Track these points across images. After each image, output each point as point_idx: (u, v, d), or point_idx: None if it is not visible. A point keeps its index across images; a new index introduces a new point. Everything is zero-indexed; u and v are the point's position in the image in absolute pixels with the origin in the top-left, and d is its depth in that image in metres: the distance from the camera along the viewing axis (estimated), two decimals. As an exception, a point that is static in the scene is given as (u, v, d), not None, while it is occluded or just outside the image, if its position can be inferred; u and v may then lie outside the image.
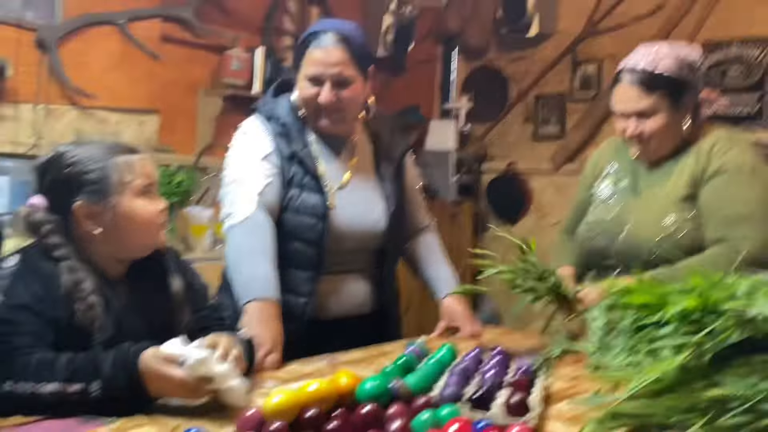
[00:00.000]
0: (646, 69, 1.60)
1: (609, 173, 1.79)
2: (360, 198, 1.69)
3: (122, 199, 1.24)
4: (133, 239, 1.27)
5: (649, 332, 1.03)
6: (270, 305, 1.46)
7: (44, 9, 2.87)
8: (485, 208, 4.51)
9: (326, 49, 1.59)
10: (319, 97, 1.60)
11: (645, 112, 1.61)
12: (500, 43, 4.43)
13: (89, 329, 1.17)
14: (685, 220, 1.61)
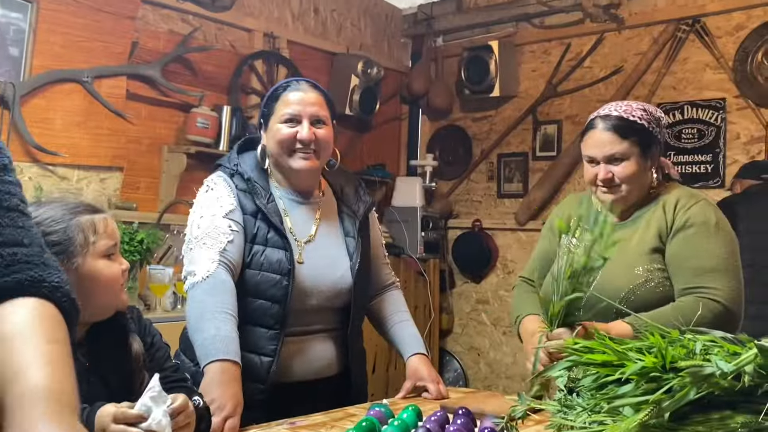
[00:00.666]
0: (620, 116, 1.68)
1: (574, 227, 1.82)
2: (325, 254, 1.68)
3: (85, 260, 1.22)
4: (96, 300, 1.24)
5: (609, 390, 1.03)
6: (231, 367, 1.43)
7: (9, 65, 2.87)
8: (451, 264, 4.53)
9: (303, 91, 1.66)
10: (298, 134, 1.63)
11: (617, 157, 1.67)
12: (464, 103, 4.55)
13: None
14: (655, 270, 1.65)
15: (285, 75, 3.87)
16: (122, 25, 3.20)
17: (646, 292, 1.64)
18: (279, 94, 1.67)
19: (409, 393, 1.73)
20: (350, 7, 4.40)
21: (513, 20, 4.32)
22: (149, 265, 2.89)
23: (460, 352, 4.51)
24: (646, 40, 3.85)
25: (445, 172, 4.61)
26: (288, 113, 1.64)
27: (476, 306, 4.47)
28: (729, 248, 1.65)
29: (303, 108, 1.64)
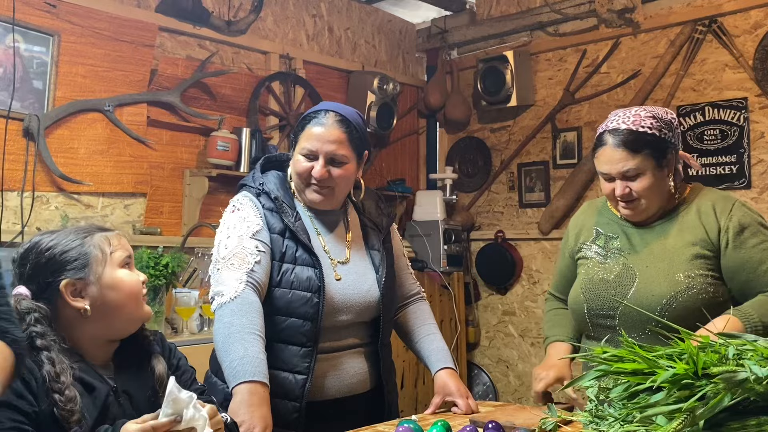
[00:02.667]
0: (630, 129, 1.62)
1: (596, 235, 1.80)
2: (351, 269, 1.69)
3: (105, 269, 1.26)
4: (121, 310, 1.28)
5: (641, 399, 1.02)
6: (260, 389, 1.43)
7: (33, 98, 2.93)
8: (476, 276, 4.50)
9: (325, 127, 1.64)
10: (313, 170, 1.63)
11: (631, 173, 1.63)
12: (481, 115, 4.54)
13: (69, 421, 1.14)
14: (697, 276, 1.62)
15: (302, 95, 3.91)
16: (141, 54, 3.26)
17: (688, 299, 1.61)
18: (305, 124, 1.67)
19: (438, 408, 1.72)
20: (364, 25, 4.43)
21: (527, 29, 4.31)
22: (175, 288, 2.91)
23: (488, 365, 4.47)
24: (663, 43, 3.82)
25: (465, 184, 4.59)
26: (306, 148, 1.64)
27: (503, 318, 4.43)
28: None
29: (321, 145, 1.63)
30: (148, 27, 3.29)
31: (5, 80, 2.84)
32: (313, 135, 1.64)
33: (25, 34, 2.90)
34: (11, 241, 2.78)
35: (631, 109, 1.69)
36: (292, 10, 4.00)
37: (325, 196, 1.66)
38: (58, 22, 3.00)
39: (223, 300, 1.53)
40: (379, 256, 1.73)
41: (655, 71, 3.81)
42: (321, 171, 1.63)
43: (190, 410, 1.09)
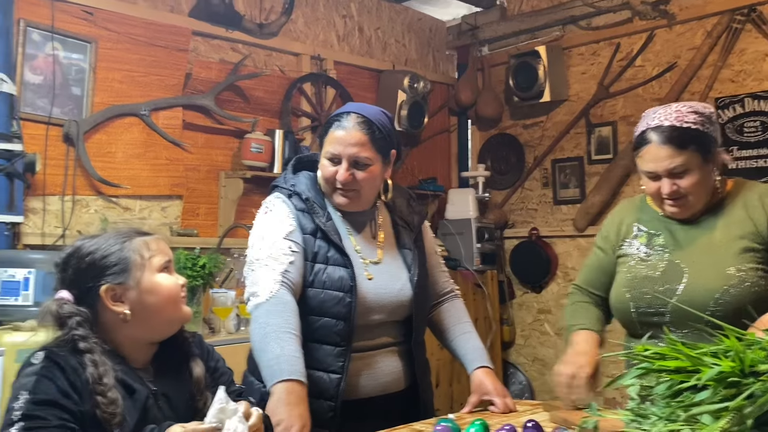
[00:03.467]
0: (674, 125, 1.58)
1: (638, 231, 1.76)
2: (384, 268, 1.69)
3: (144, 274, 1.28)
4: (160, 314, 1.29)
5: (685, 398, 0.99)
6: (297, 387, 1.43)
7: (72, 104, 3.00)
8: (510, 275, 4.46)
9: (346, 130, 1.63)
10: (337, 174, 1.63)
11: (678, 170, 1.59)
12: (513, 111, 4.50)
13: (111, 423, 1.16)
14: (749, 270, 1.59)
15: (333, 96, 3.93)
16: (175, 58, 3.31)
17: (741, 293, 1.58)
18: (328, 128, 1.67)
19: (474, 407, 1.71)
20: (394, 25, 4.43)
21: (559, 24, 4.26)
22: (212, 289, 2.95)
23: (524, 364, 4.43)
24: (700, 34, 3.74)
25: (498, 181, 4.56)
26: (330, 152, 1.65)
27: (538, 316, 4.39)
28: None
29: (343, 149, 1.63)
30: (181, 32, 3.34)
31: (45, 87, 2.91)
32: (335, 138, 1.64)
33: (64, 41, 2.97)
34: (53, 245, 2.85)
35: (670, 105, 1.65)
36: (323, 12, 4.01)
37: (351, 199, 1.67)
38: (95, 29, 3.06)
39: (258, 300, 1.54)
40: (411, 255, 1.72)
41: (691, 63, 3.73)
42: (344, 175, 1.62)
43: (234, 421, 1.11)
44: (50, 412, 1.13)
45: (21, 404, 1.12)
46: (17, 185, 2.74)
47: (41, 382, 1.15)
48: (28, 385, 1.15)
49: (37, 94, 2.90)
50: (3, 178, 2.69)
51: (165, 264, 1.31)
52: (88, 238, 1.31)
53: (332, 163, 1.64)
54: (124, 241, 1.29)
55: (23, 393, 1.14)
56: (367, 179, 1.65)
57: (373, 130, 1.64)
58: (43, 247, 2.84)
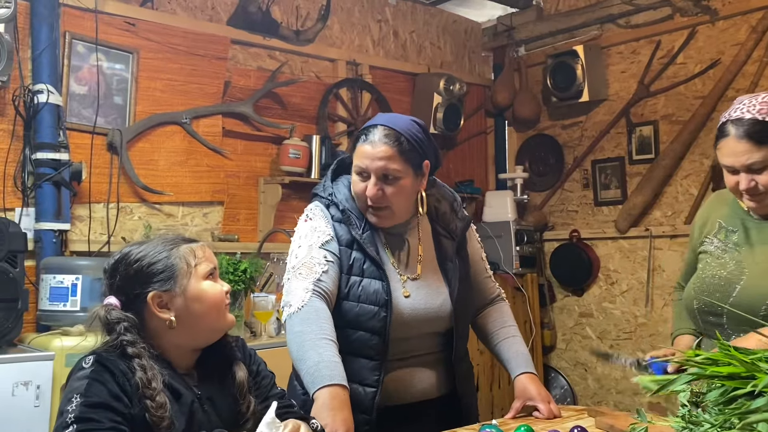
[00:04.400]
0: (755, 119, 1.51)
1: (719, 228, 1.70)
2: (422, 283, 1.66)
3: (190, 281, 1.30)
4: (205, 320, 1.31)
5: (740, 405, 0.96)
6: (340, 391, 1.43)
7: (116, 113, 3.07)
8: (550, 278, 4.41)
9: (372, 144, 1.58)
10: (369, 192, 1.58)
11: (757, 166, 1.52)
12: (551, 111, 4.45)
13: (159, 426, 1.18)
14: None
15: (369, 100, 3.94)
16: (215, 67, 3.36)
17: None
18: (356, 142, 1.63)
19: (518, 413, 1.68)
20: (429, 28, 4.42)
21: (597, 22, 4.20)
22: (253, 293, 2.99)
23: (566, 368, 4.36)
24: (744, 29, 3.64)
25: (536, 183, 4.51)
26: (358, 166, 1.61)
27: (579, 320, 4.32)
28: None
29: (370, 162, 1.58)
30: (220, 40, 3.39)
31: (90, 97, 2.99)
32: (362, 153, 1.60)
33: (107, 52, 3.05)
34: (99, 251, 2.92)
35: (759, 95, 1.56)
36: (358, 17, 4.03)
37: (383, 217, 1.63)
38: (137, 39, 3.13)
39: (291, 310, 1.54)
40: (452, 268, 1.68)
41: (735, 59, 3.63)
42: (373, 190, 1.58)
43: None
44: (103, 415, 1.15)
45: (74, 407, 1.15)
46: (64, 193, 2.82)
47: (93, 386, 1.18)
48: (81, 388, 1.17)
49: (82, 105, 2.98)
50: (50, 187, 2.77)
51: (210, 271, 1.33)
52: (135, 245, 1.33)
53: (361, 178, 1.60)
54: (171, 249, 1.31)
55: (76, 396, 1.16)
56: (396, 194, 1.59)
57: (401, 141, 1.58)
58: (89, 253, 2.91)
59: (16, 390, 2.28)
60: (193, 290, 1.29)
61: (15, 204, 2.79)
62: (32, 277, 2.70)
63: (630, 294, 4.08)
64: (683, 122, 3.78)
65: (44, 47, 2.78)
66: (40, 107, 2.74)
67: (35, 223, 2.77)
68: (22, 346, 2.51)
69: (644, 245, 3.99)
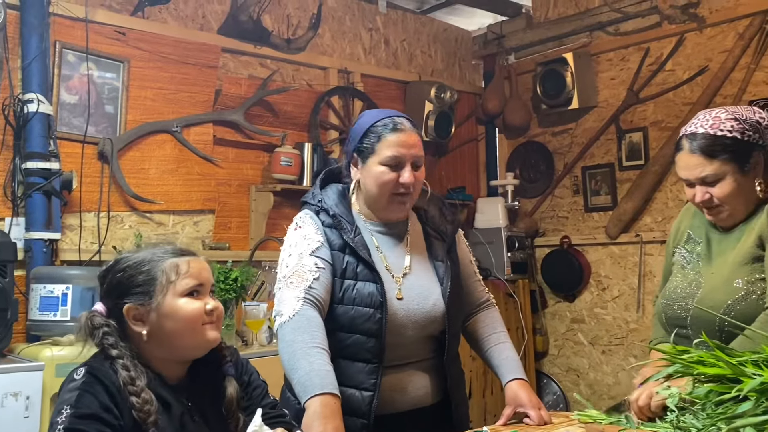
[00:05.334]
0: (707, 133, 1.54)
1: (687, 238, 1.72)
2: (416, 284, 1.67)
3: (165, 298, 1.27)
4: (179, 338, 1.28)
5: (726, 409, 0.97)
6: (331, 400, 1.42)
7: (106, 122, 3.07)
8: (542, 284, 4.42)
9: (405, 132, 1.63)
10: (401, 179, 1.61)
11: (710, 179, 1.54)
12: (541, 119, 4.47)
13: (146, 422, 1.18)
14: (757, 281, 1.51)
15: (361, 108, 3.95)
16: (205, 75, 3.37)
17: (746, 307, 1.50)
18: (381, 133, 1.63)
19: (509, 419, 1.68)
20: (420, 36, 4.45)
21: (586, 30, 4.23)
22: (244, 301, 2.98)
23: (558, 374, 4.37)
24: (731, 37, 3.68)
25: (527, 189, 4.53)
26: (392, 156, 1.61)
27: (571, 326, 4.33)
28: None
29: (407, 151, 1.61)
30: (211, 49, 3.39)
31: (81, 107, 2.98)
32: (396, 142, 1.61)
33: (98, 61, 3.05)
34: (90, 260, 2.91)
35: (714, 110, 1.59)
36: (349, 25, 4.05)
37: (407, 204, 1.67)
38: (128, 49, 3.13)
39: (282, 319, 1.53)
40: (443, 268, 1.70)
41: (723, 66, 3.66)
42: (411, 177, 1.62)
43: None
44: (92, 426, 1.15)
45: (64, 418, 1.15)
46: (54, 203, 2.81)
47: (83, 397, 1.17)
48: (71, 399, 1.17)
49: (72, 114, 2.98)
50: (41, 196, 2.76)
51: (193, 288, 1.29)
52: (129, 253, 1.33)
53: (391, 169, 1.61)
54: (157, 261, 1.29)
55: (66, 407, 1.16)
56: (421, 180, 1.67)
57: (419, 131, 1.69)
58: (79, 263, 2.90)
59: (6, 401, 2.27)
60: (167, 307, 1.27)
61: (5, 213, 2.78)
62: (22, 287, 2.68)
63: (621, 300, 4.10)
64: (672, 128, 3.81)
65: (34, 56, 2.78)
66: (30, 116, 2.73)
67: (25, 233, 2.75)
68: (12, 356, 2.50)
69: (635, 251, 4.01)
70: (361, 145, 1.65)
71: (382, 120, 1.64)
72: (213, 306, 1.31)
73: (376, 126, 1.64)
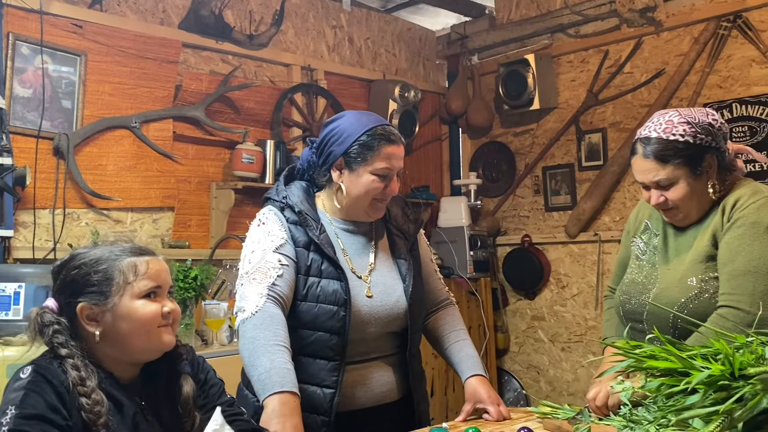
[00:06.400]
0: (659, 138, 1.56)
1: (644, 228, 1.74)
2: (378, 280, 1.68)
3: (121, 300, 1.24)
4: (134, 340, 1.25)
5: (676, 401, 1.00)
6: (290, 398, 1.42)
7: (62, 117, 3.00)
8: (503, 282, 4.47)
9: (397, 145, 1.66)
10: (388, 189, 1.65)
11: (663, 183, 1.57)
12: (504, 119, 4.52)
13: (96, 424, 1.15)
14: (710, 279, 1.55)
15: (324, 106, 3.94)
16: (165, 70, 3.31)
17: (699, 305, 1.53)
18: (376, 144, 1.63)
19: (469, 415, 1.70)
20: (384, 34, 4.45)
21: (548, 32, 4.29)
22: (204, 300, 2.94)
23: (519, 371, 4.42)
24: (687, 41, 3.77)
25: (489, 189, 4.57)
26: (386, 168, 1.63)
27: (532, 323, 4.39)
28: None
29: (398, 163, 1.66)
30: (171, 44, 3.34)
31: (35, 101, 2.91)
32: (391, 154, 1.64)
33: (53, 55, 2.97)
34: (44, 258, 2.84)
35: (667, 113, 1.60)
36: (313, 23, 4.03)
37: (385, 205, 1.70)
38: (85, 42, 3.06)
39: (245, 315, 1.53)
40: (405, 265, 1.72)
41: (679, 69, 3.76)
42: (397, 187, 1.67)
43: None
44: (37, 427, 1.12)
45: (8, 419, 1.11)
46: (7, 199, 2.74)
47: (29, 397, 1.14)
48: (16, 399, 1.14)
49: (26, 108, 2.90)
50: (-7, 192, 2.68)
51: (151, 290, 1.27)
52: (85, 249, 1.29)
53: (380, 179, 1.64)
54: (115, 260, 1.26)
55: (11, 408, 1.13)
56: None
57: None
58: (33, 261, 2.83)
59: (-46, 403, 2.19)
60: (122, 308, 1.24)
61: (-46, 210, 2.69)
62: (-28, 286, 2.60)
63: (580, 297, 4.17)
64: (630, 130, 3.89)
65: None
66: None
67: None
68: (-39, 357, 2.42)
69: (593, 249, 4.08)
70: (351, 151, 1.63)
71: (375, 129, 1.64)
72: (170, 308, 1.29)
73: (370, 135, 1.63)
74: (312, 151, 1.72)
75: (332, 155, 1.65)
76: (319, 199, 1.73)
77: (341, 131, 1.65)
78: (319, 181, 1.73)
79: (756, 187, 1.59)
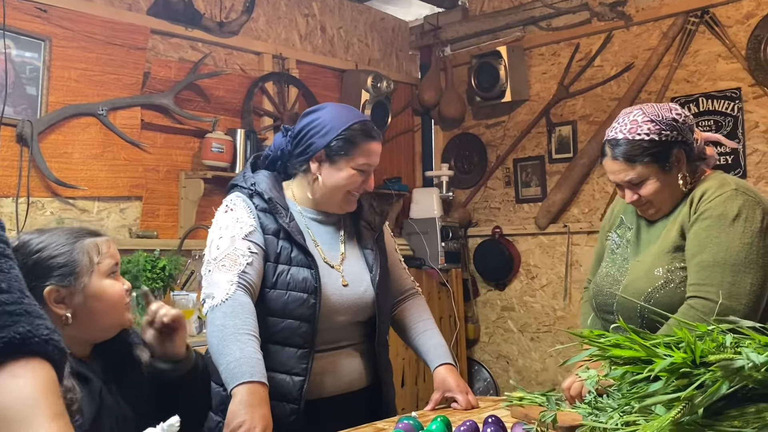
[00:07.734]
0: (626, 139, 1.59)
1: (619, 223, 1.77)
2: (347, 269, 1.69)
3: (92, 279, 1.25)
4: (104, 318, 1.27)
5: (639, 389, 1.01)
6: (259, 388, 1.42)
7: (26, 103, 2.92)
8: (474, 273, 4.50)
9: (377, 141, 1.69)
10: (365, 184, 1.68)
11: (635, 181, 1.60)
12: (476, 111, 4.54)
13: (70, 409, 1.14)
14: (676, 270, 1.57)
15: (296, 95, 3.91)
16: (133, 57, 3.25)
17: (665, 295, 1.55)
18: (357, 139, 1.64)
19: (437, 404, 1.71)
20: (357, 24, 4.43)
21: (520, 24, 4.31)
22: (173, 291, 2.91)
23: (489, 361, 4.47)
24: (656, 35, 3.82)
25: (461, 180, 4.59)
26: (366, 163, 1.66)
27: (501, 313, 4.43)
28: (744, 241, 1.50)
29: (376, 159, 1.69)
30: (139, 30, 3.28)
31: (-3, 86, 2.83)
32: (371, 150, 1.66)
33: (17, 39, 2.89)
34: (7, 248, 2.77)
35: (632, 112, 1.62)
36: (284, 11, 3.99)
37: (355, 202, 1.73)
38: (49, 27, 2.99)
39: (214, 303, 1.52)
40: (372, 255, 1.73)
41: (648, 63, 3.81)
42: (373, 183, 1.71)
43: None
44: None
45: None
46: (-32, 187, 2.67)
47: None
48: None
49: (-12, 93, 2.82)
50: (-47, 180, 2.61)
51: (113, 268, 1.29)
52: (35, 233, 1.28)
53: (360, 174, 1.66)
54: (75, 242, 1.26)
55: None
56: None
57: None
58: (-5, 250, 2.76)
59: None
60: (93, 288, 1.25)
61: None
62: (-69, 276, 2.53)
63: (549, 288, 4.22)
64: (600, 123, 3.93)
65: (-55, 31, 2.62)
66: (-60, 95, 2.58)
67: (-65, 218, 2.60)
68: None
69: (563, 241, 4.13)
70: (333, 145, 1.64)
71: (357, 125, 1.65)
72: (128, 286, 1.33)
73: (352, 130, 1.64)
74: (287, 140, 1.70)
75: (313, 146, 1.65)
76: (288, 189, 1.73)
77: (323, 123, 1.65)
78: (292, 170, 1.72)
79: (723, 180, 1.62)
